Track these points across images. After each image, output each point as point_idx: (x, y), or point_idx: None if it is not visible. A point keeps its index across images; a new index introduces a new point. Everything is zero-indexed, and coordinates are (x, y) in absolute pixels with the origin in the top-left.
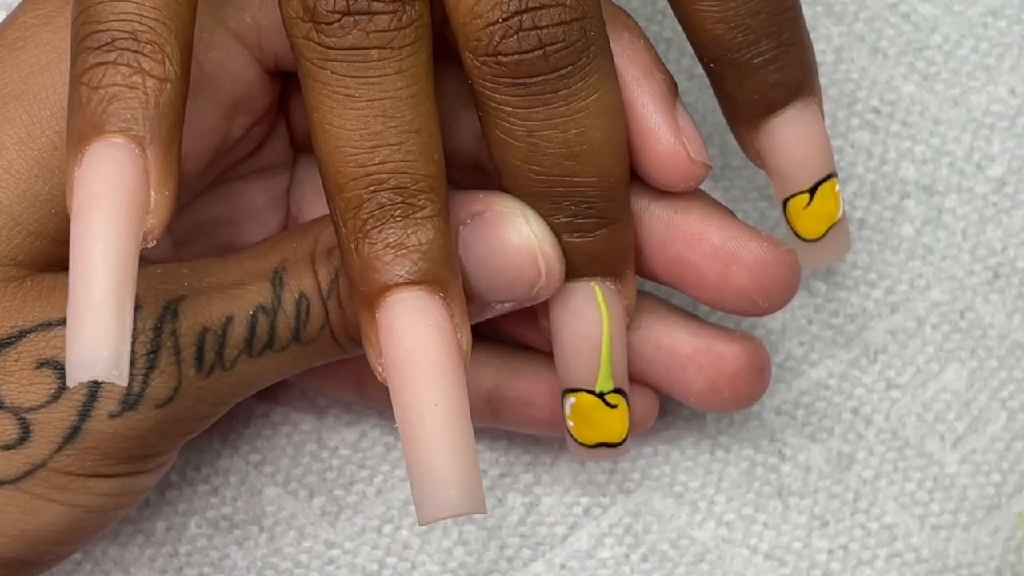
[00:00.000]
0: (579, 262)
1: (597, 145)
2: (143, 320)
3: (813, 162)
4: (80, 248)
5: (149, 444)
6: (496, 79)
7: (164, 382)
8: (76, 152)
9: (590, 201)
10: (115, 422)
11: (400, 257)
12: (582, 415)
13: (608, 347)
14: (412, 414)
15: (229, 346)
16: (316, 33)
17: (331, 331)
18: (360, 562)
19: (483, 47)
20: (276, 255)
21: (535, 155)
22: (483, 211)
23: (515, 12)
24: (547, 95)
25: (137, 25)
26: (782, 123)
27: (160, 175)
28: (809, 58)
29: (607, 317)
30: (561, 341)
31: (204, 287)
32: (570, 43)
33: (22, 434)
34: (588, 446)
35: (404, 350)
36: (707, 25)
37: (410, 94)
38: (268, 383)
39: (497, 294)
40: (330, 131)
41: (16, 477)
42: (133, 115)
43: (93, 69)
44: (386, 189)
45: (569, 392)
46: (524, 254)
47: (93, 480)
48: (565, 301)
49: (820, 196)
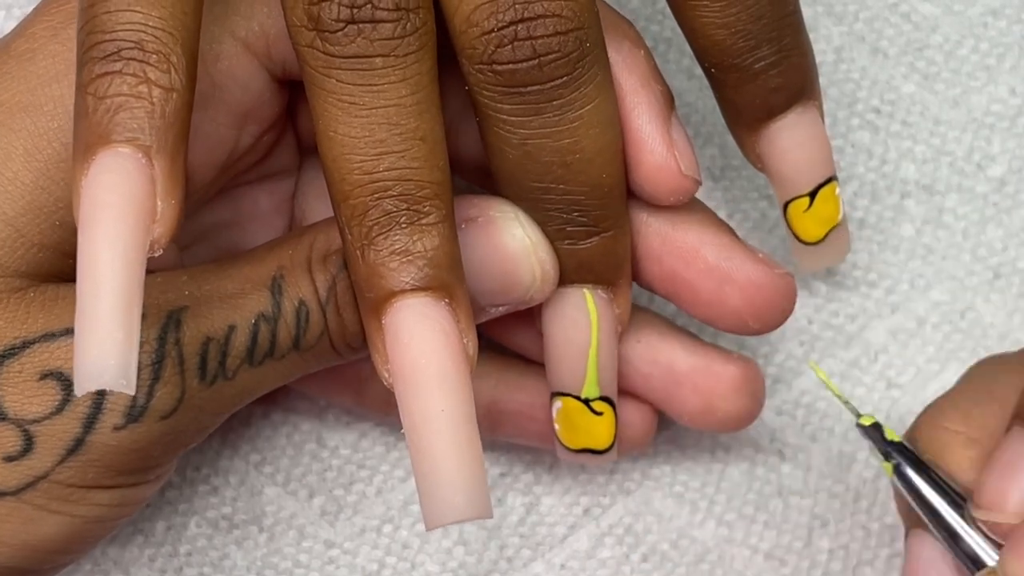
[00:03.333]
0: (572, 269)
1: (590, 155)
2: (147, 331)
3: (814, 166)
4: (87, 258)
5: (151, 456)
6: (491, 87)
7: (168, 393)
8: (82, 162)
9: (582, 209)
10: (119, 434)
11: (406, 264)
12: (568, 419)
13: (596, 354)
14: (419, 420)
15: (231, 355)
16: (321, 41)
17: (329, 338)
18: (360, 562)
19: (478, 55)
20: (273, 261)
21: (528, 163)
22: (478, 216)
23: (511, 22)
24: (541, 104)
25: (143, 35)
26: (783, 127)
27: (167, 184)
28: (809, 62)
29: (596, 324)
30: (550, 345)
31: (204, 295)
32: (565, 54)
33: (25, 446)
34: (573, 450)
35: (410, 356)
36: (708, 31)
37: (415, 101)
38: (265, 391)
39: (492, 297)
40: (335, 138)
41: (17, 488)
42: (139, 125)
43: (99, 79)
44: (391, 196)
45: (556, 395)
46: (519, 258)
47: (94, 491)
48: (555, 306)
49: (820, 199)
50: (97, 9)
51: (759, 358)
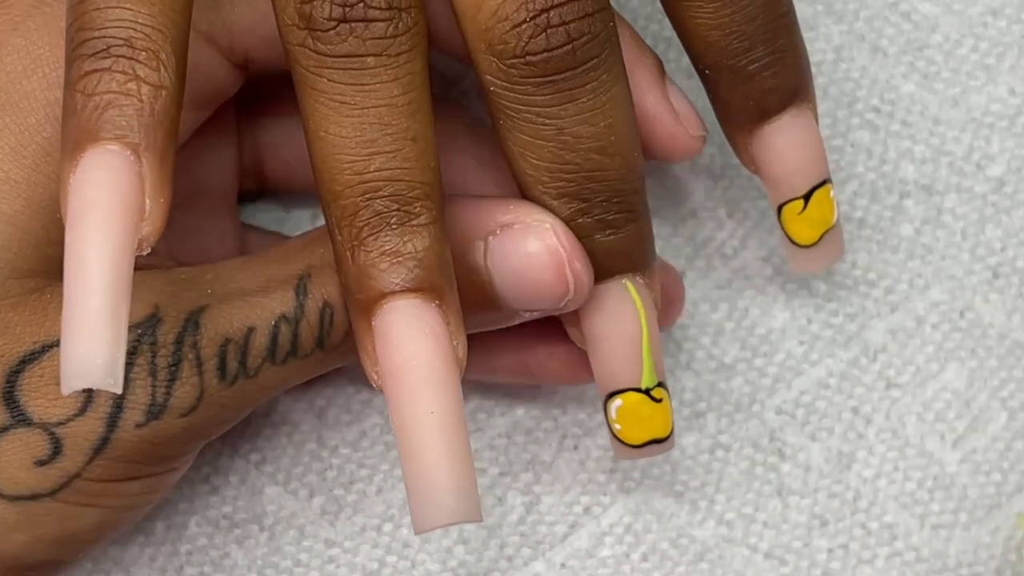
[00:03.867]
0: (610, 261)
1: (623, 135)
2: (164, 334)
3: (808, 168)
4: (75, 256)
5: (175, 448)
6: (524, 80)
7: (187, 392)
8: (71, 159)
9: (621, 195)
10: (141, 431)
11: (396, 265)
12: (631, 415)
13: (648, 342)
14: (408, 422)
15: (252, 355)
16: (312, 40)
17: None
18: (360, 561)
19: (511, 49)
20: (302, 260)
21: (565, 153)
22: (513, 222)
23: (541, 10)
24: (575, 90)
25: (132, 32)
26: (776, 129)
27: (156, 182)
28: (803, 64)
29: (644, 312)
30: (599, 344)
31: (227, 294)
32: (595, 35)
33: (54, 449)
34: (638, 446)
35: (400, 358)
36: (702, 32)
37: (406, 101)
38: (294, 384)
39: (525, 304)
40: (326, 139)
41: (52, 490)
42: (128, 122)
43: (88, 76)
44: (382, 196)
45: (614, 395)
46: (553, 268)
47: (125, 484)
48: (599, 303)
49: (815, 202)
50: (86, 6)
51: (759, 357)
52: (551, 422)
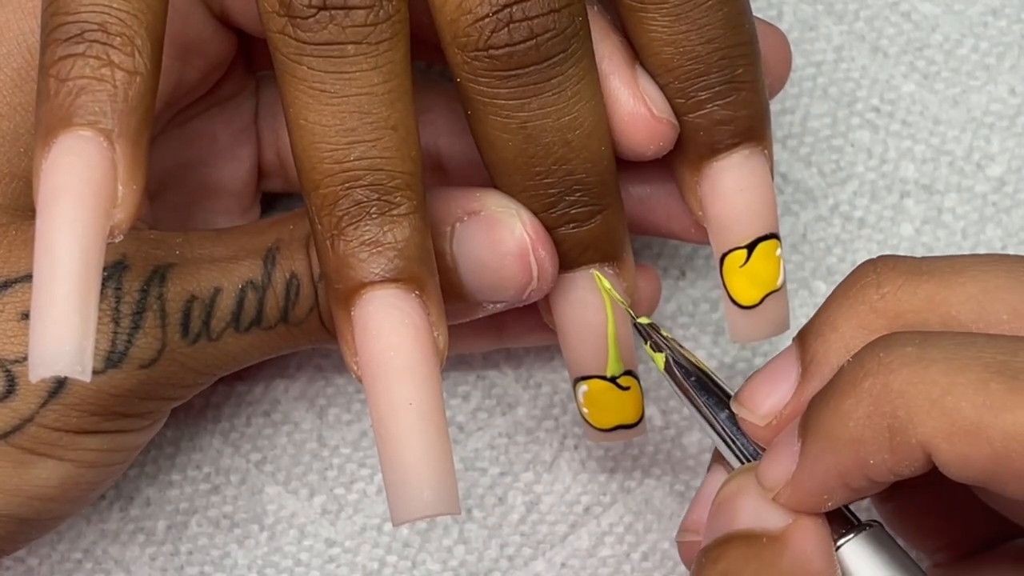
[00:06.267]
0: (577, 252)
1: (589, 129)
2: (130, 281)
3: (754, 215)
4: (44, 241)
5: (133, 403)
6: (488, 73)
7: (148, 343)
8: (43, 144)
9: (584, 187)
10: (99, 378)
11: (376, 255)
12: (596, 401)
13: (614, 331)
14: (386, 413)
15: (216, 317)
16: (292, 28)
17: (319, 315)
18: (361, 560)
19: (473, 43)
20: (272, 234)
21: (529, 147)
22: (479, 209)
23: (504, 5)
24: (540, 84)
25: (107, 17)
26: (725, 167)
27: (128, 169)
28: (762, 102)
29: (609, 302)
30: (566, 332)
31: (196, 258)
32: (560, 31)
33: (8, 387)
34: (605, 430)
35: (379, 348)
36: (655, 47)
37: (387, 90)
38: (254, 360)
39: (489, 294)
40: (305, 127)
41: (5, 432)
42: (101, 108)
43: (62, 61)
44: (362, 186)
45: (581, 380)
46: (517, 257)
47: (81, 436)
48: (566, 292)
49: (759, 255)
50: None
51: (759, 357)
52: (552, 422)
